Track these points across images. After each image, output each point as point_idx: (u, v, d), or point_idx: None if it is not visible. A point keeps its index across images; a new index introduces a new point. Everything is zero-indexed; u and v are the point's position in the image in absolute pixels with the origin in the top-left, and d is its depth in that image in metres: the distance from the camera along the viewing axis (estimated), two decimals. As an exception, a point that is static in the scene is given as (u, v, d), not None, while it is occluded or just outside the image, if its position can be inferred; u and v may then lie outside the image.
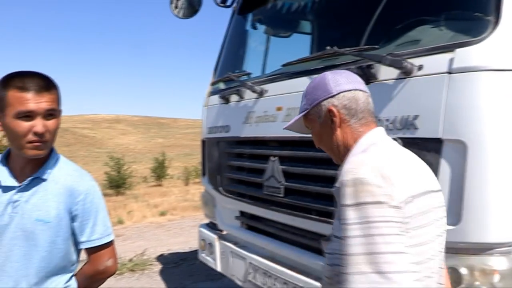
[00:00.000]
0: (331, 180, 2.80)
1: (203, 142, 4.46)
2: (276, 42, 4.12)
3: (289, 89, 3.18)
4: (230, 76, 3.89)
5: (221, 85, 4.17)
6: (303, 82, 3.04)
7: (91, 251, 1.87)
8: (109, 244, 1.90)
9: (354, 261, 1.10)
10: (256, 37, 4.25)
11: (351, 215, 1.14)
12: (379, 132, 1.38)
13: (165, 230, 10.31)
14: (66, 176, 1.81)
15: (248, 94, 3.63)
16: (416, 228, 1.15)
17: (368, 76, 2.52)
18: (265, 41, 4.08)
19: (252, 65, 4.08)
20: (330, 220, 2.80)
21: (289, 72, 3.28)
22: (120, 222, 11.91)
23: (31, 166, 1.76)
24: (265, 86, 3.47)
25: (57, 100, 1.73)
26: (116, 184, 25.05)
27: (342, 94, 1.38)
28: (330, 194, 2.80)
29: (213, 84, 4.36)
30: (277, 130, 3.27)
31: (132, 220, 12.40)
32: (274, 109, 3.30)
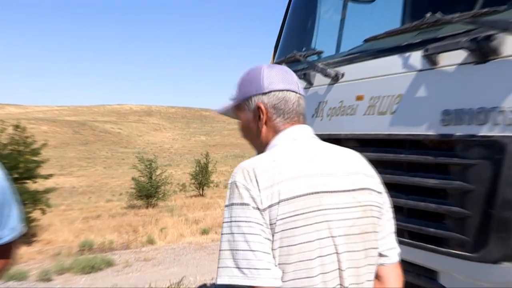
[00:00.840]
0: (431, 192, 2.72)
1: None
2: (356, 10, 4.07)
3: (373, 71, 3.14)
4: (295, 56, 3.90)
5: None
6: (392, 63, 2.99)
7: (9, 243, 2.04)
8: None
9: (222, 256, 1.52)
10: (329, 4, 4.23)
11: (225, 214, 1.57)
12: (293, 131, 1.77)
13: (207, 253, 10.51)
14: None
15: (319, 79, 3.63)
16: (286, 230, 1.52)
17: (485, 52, 2.42)
18: (340, 9, 4.04)
19: (324, 41, 4.07)
20: (427, 245, 2.72)
21: (373, 50, 3.24)
22: (151, 241, 12.29)
23: None
24: (341, 69, 3.45)
25: None
26: (147, 193, 25.78)
27: (273, 93, 1.76)
28: (430, 211, 2.72)
29: (272, 66, 4.37)
30: (358, 125, 3.23)
31: (165, 239, 12.74)
32: (353, 99, 3.28)
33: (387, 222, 1.82)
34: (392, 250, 1.83)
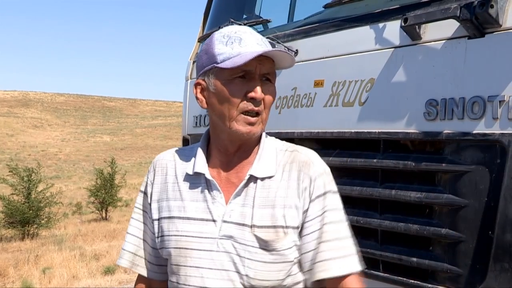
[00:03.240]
0: (412, 209, 2.80)
1: (186, 142, 4.53)
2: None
3: (336, 48, 3.21)
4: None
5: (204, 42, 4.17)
6: (362, 36, 3.08)
7: None
8: None
9: (350, 243, 2.13)
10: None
11: (339, 200, 2.17)
12: None
13: (114, 302, 10.34)
14: None
15: (264, 58, 3.64)
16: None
17: (482, 22, 2.53)
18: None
19: (272, 5, 4.17)
20: (408, 280, 2.80)
21: (336, 19, 3.31)
22: (28, 288, 11.88)
23: None
24: (294, 44, 3.50)
25: None
26: (22, 218, 24.73)
27: None
28: (411, 234, 2.80)
29: (201, 40, 4.43)
30: (316, 121, 3.30)
31: (50, 284, 12.37)
32: (310, 85, 3.35)
33: None
34: None
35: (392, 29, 2.89)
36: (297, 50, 3.46)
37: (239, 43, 1.99)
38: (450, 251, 2.64)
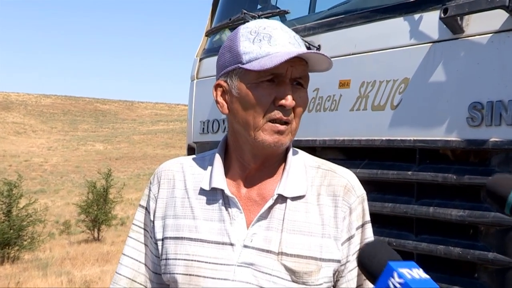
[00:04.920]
0: (454, 229, 2.78)
1: (191, 150, 4.55)
2: None
3: (365, 43, 3.22)
4: (245, 18, 3.89)
5: (227, 37, 4.20)
6: (394, 30, 3.07)
7: None
8: None
9: None
10: None
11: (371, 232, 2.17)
12: None
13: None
14: None
15: (281, 55, 3.66)
16: None
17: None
18: None
19: None
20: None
21: (364, 10, 3.32)
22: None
23: None
24: (316, 38, 3.52)
25: None
26: (2, 239, 24.76)
27: None
28: (453, 259, 2.79)
29: (209, 34, 4.45)
30: (341, 127, 3.28)
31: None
32: (335, 85, 3.35)
33: None
34: None
35: (430, 21, 2.89)
36: (319, 45, 3.46)
37: (268, 41, 1.94)
38: (498, 278, 2.62)
